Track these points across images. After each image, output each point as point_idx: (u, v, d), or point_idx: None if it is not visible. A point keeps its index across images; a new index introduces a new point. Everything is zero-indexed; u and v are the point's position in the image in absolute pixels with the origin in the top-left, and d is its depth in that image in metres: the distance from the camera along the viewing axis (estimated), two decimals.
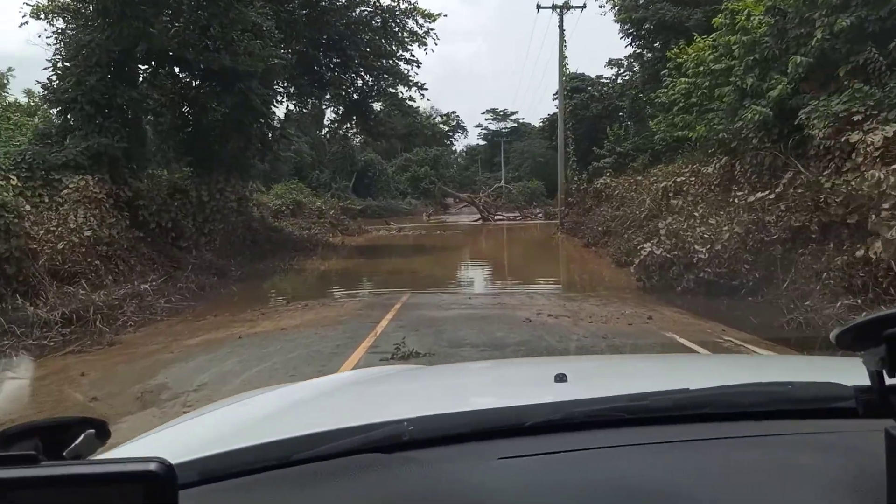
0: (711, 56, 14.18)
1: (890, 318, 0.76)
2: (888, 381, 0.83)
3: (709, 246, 10.16)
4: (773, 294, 9.49)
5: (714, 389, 1.14)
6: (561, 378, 1.41)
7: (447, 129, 78.80)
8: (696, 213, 11.34)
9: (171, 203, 17.19)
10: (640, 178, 22.15)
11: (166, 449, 1.05)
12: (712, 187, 13.95)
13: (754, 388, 1.15)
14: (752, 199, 11.06)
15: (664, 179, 18.31)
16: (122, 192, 15.02)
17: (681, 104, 20.75)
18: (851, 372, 0.98)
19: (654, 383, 1.49)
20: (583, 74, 38.52)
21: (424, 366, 3.59)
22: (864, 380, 0.89)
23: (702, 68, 15.02)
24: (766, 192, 10.95)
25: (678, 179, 16.89)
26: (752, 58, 12.19)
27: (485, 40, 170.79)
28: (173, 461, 0.73)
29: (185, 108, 17.81)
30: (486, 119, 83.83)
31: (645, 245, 11.31)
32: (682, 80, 17.31)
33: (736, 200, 11.21)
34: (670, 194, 16.91)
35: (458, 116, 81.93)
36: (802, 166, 10.70)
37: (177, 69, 17.44)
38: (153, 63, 16.70)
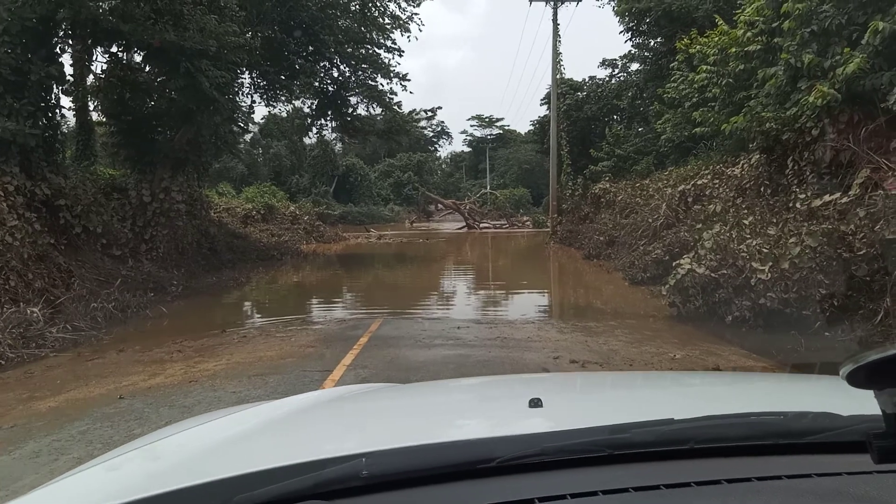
0: (749, 34, 11.83)
1: None
2: None
3: (770, 264, 7.76)
4: (862, 329, 7.12)
5: (699, 421, 1.05)
6: (536, 403, 1.31)
7: (429, 131, 76.96)
8: (746, 222, 8.94)
9: (105, 204, 14.61)
10: (646, 181, 19.85)
11: (90, 492, 1.06)
12: (756, 189, 11.58)
13: (743, 420, 1.07)
14: (818, 202, 8.72)
15: (680, 182, 15.99)
16: (39, 190, 12.38)
17: (694, 99, 18.53)
18: (853, 395, 0.83)
19: (636, 411, 1.40)
20: (571, 80, 36.46)
21: (396, 385, 2.68)
22: (865, 406, 0.82)
23: (734, 50, 12.68)
24: (837, 195, 8.61)
25: (699, 182, 14.56)
26: (808, 30, 9.87)
27: (471, 48, 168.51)
28: None
29: (126, 94, 15.13)
30: (471, 125, 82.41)
31: (682, 261, 8.89)
32: (703, 67, 14.99)
33: (798, 205, 8.84)
34: (689, 199, 14.60)
35: (443, 122, 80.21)
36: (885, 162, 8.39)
37: (115, 47, 14.79)
38: (83, 37, 14.07)
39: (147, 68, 15.03)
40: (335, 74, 22.10)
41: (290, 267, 19.55)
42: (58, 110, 13.61)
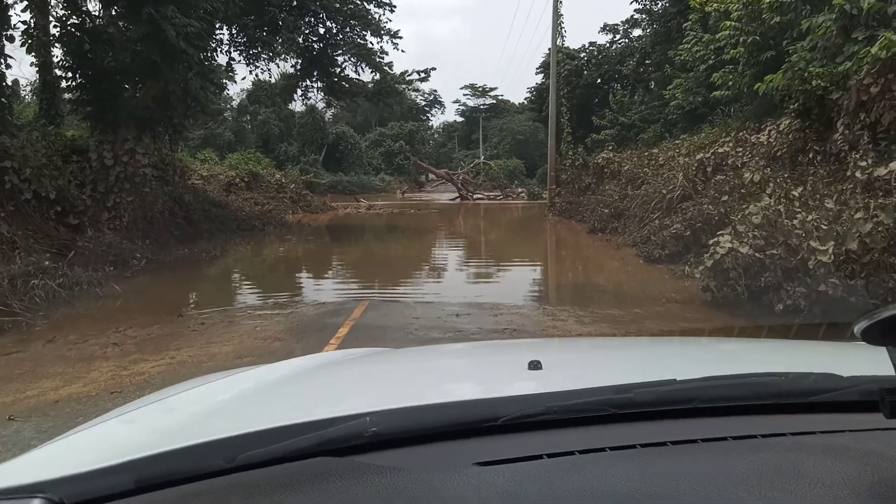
0: None
1: None
2: None
3: (833, 244, 6.47)
4: None
5: (702, 381, 1.05)
6: (535, 365, 1.31)
7: (422, 99, 75.10)
8: (796, 193, 7.62)
9: (63, 167, 13.15)
10: (655, 151, 18.49)
11: (95, 450, 1.03)
12: (791, 157, 10.28)
13: (745, 380, 1.07)
14: (882, 171, 7.41)
15: (696, 151, 14.67)
16: None
17: (710, 61, 17.13)
18: (855, 358, 0.95)
19: (636, 373, 1.41)
20: (567, 48, 34.87)
21: (392, 349, 2.34)
22: (867, 369, 0.88)
23: (767, 1, 11.25)
24: None
25: (719, 150, 13.22)
26: None
27: (464, 17, 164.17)
28: (103, 464, 0.83)
29: (85, 44, 13.53)
30: (464, 95, 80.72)
31: (721, 239, 7.56)
32: (727, 23, 13.56)
33: (858, 174, 7.53)
34: (708, 169, 13.27)
35: (435, 91, 78.36)
36: None
37: None
38: None
39: (107, 15, 13.42)
40: (321, 31, 20.48)
41: (272, 238, 18.18)
42: (2, 60, 12.09)
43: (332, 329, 6.47)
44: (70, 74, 13.98)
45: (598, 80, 33.91)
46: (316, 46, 20.94)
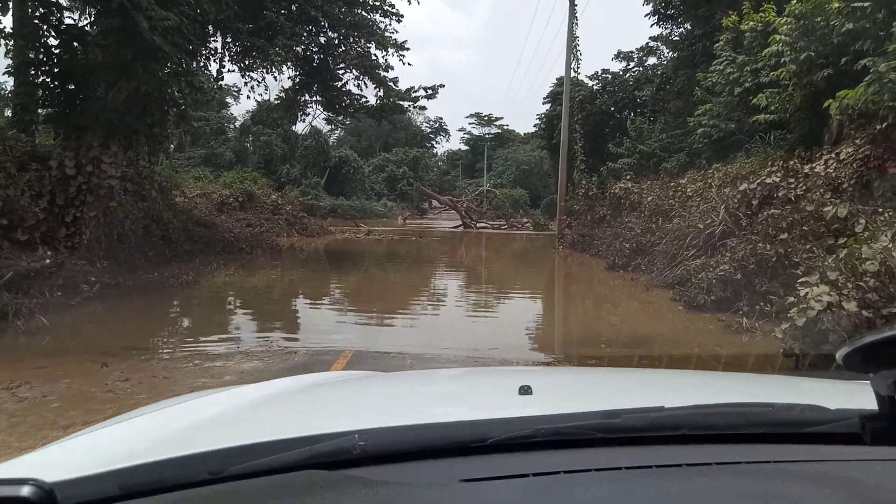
0: None
1: None
2: None
3: None
4: None
5: (690, 409, 1.05)
6: (526, 390, 1.32)
7: (427, 127, 74.11)
8: None
9: (18, 176, 11.51)
10: (682, 181, 16.83)
11: (83, 458, 1.03)
12: (859, 188, 8.60)
13: (732, 409, 1.08)
14: None
15: (733, 182, 13.00)
16: None
17: (746, 84, 15.58)
18: (843, 393, 0.93)
19: (625, 399, 1.39)
20: (575, 78, 33.55)
21: (384, 372, 2.41)
22: (853, 402, 0.87)
23: (836, 5, 9.66)
24: None
25: (767, 181, 11.52)
26: None
27: (474, 47, 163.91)
28: (91, 471, 0.82)
29: (48, 37, 11.99)
30: (469, 123, 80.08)
31: (813, 291, 5.79)
32: (776, 38, 11.97)
33: None
34: (753, 202, 11.57)
35: (441, 118, 77.50)
36: None
37: None
38: None
39: (75, 5, 11.90)
40: (322, 41, 18.96)
41: (258, 263, 16.47)
42: None
43: None
44: (33, 72, 12.42)
45: (612, 108, 32.50)
46: (316, 58, 19.43)
